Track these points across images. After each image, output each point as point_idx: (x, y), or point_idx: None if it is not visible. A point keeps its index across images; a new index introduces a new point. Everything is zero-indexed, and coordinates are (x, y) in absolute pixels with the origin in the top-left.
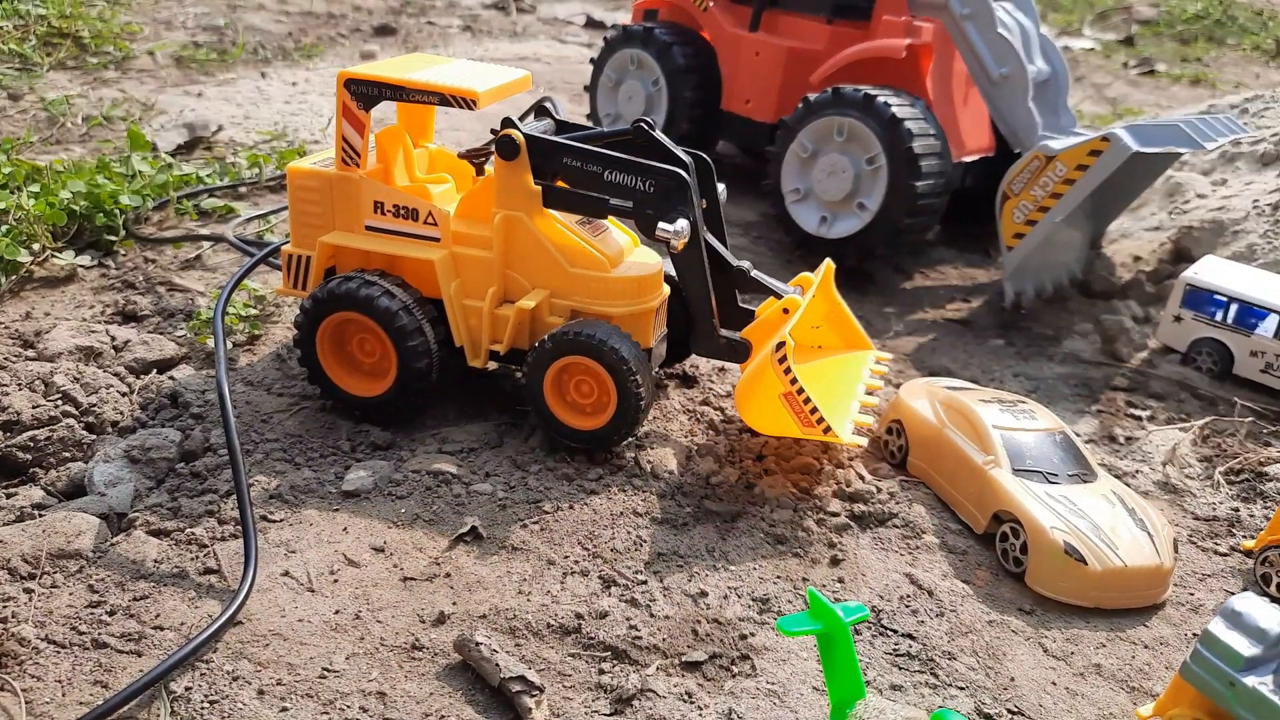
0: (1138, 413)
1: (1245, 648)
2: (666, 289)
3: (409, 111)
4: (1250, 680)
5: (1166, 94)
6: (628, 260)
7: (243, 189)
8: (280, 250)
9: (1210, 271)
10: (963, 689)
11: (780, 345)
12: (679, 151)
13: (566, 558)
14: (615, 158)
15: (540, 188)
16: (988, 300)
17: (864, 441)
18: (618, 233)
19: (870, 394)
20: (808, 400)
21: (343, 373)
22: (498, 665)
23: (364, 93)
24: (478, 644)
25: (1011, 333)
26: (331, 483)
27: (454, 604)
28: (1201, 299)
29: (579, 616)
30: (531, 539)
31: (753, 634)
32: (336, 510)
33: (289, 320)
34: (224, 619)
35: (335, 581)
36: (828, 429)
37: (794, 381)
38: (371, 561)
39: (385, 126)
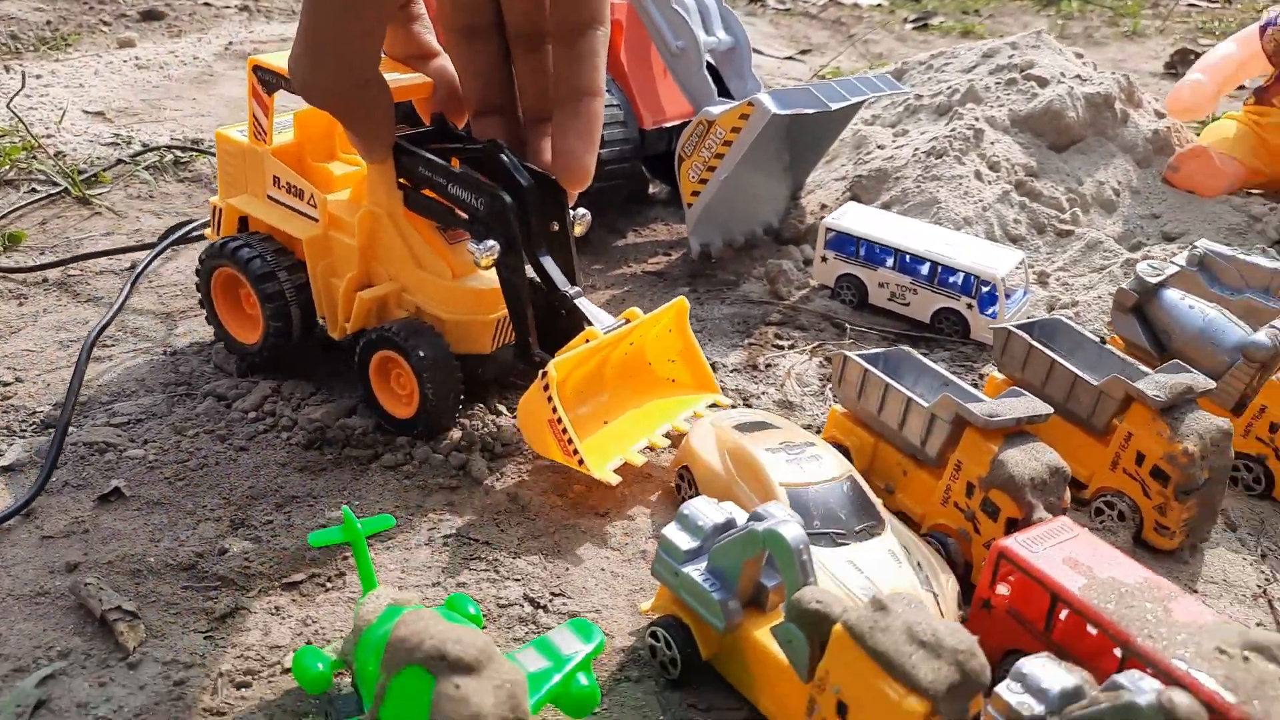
0: (781, 343)
1: (685, 543)
2: None
3: None
4: (688, 569)
5: (929, 47)
6: (478, 273)
7: None
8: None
9: (847, 217)
10: (518, 580)
11: (545, 374)
12: (519, 175)
13: (204, 507)
14: (458, 173)
15: (403, 190)
16: (685, 253)
17: (617, 480)
18: None
19: (668, 436)
20: (565, 430)
21: (232, 320)
22: (100, 600)
23: (266, 79)
24: (86, 584)
25: (698, 280)
26: None
27: (85, 555)
28: (840, 241)
29: (199, 555)
30: (174, 494)
31: None
32: None
33: None
34: None
35: None
36: (581, 461)
37: (554, 410)
38: (14, 526)
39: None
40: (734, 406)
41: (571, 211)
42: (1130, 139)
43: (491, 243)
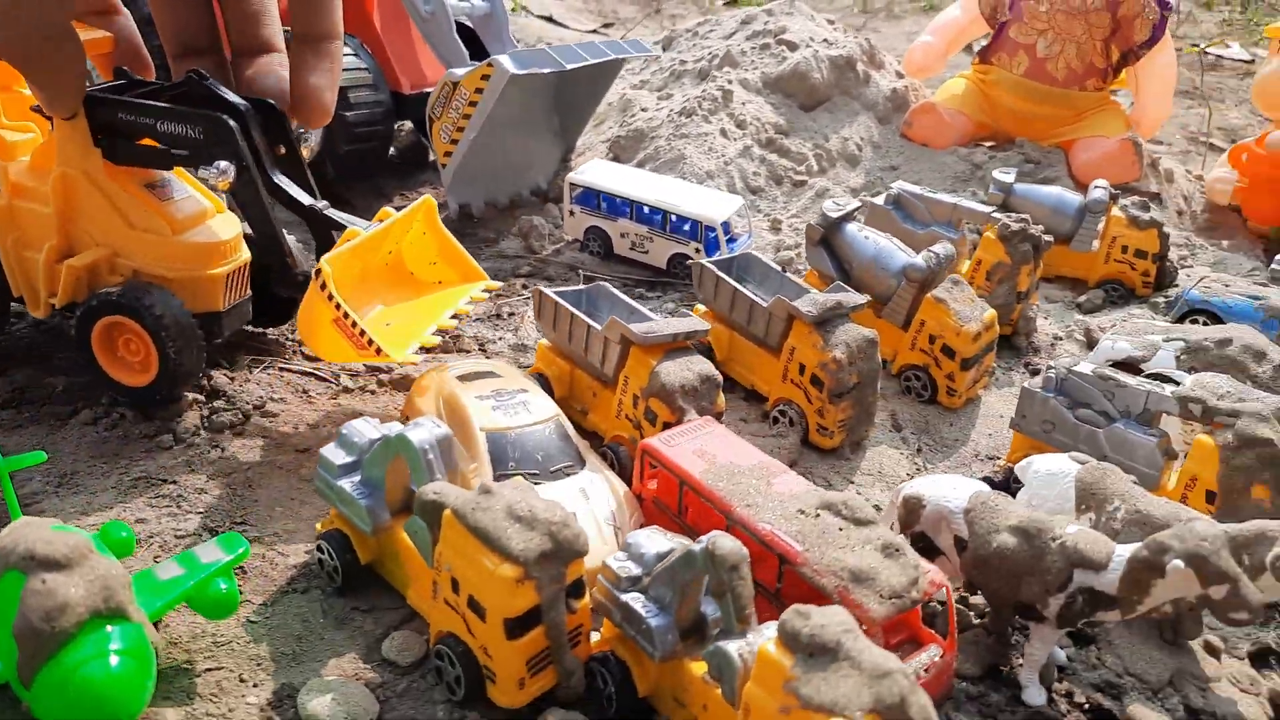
0: (526, 293)
1: (340, 458)
2: (245, 256)
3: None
4: (342, 482)
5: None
6: (201, 226)
7: None
8: None
9: (589, 172)
10: (200, 513)
11: (319, 273)
12: (233, 99)
13: None
14: (165, 108)
15: (102, 145)
16: (448, 215)
17: (420, 358)
18: (198, 199)
19: (456, 317)
20: (355, 324)
21: None
22: None
23: None
24: None
25: (460, 240)
26: None
27: None
28: (585, 196)
29: None
30: None
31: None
32: None
33: None
34: None
35: None
36: (379, 350)
37: (339, 307)
38: None
39: None
40: (471, 354)
41: (296, 133)
42: (872, 98)
43: (224, 164)
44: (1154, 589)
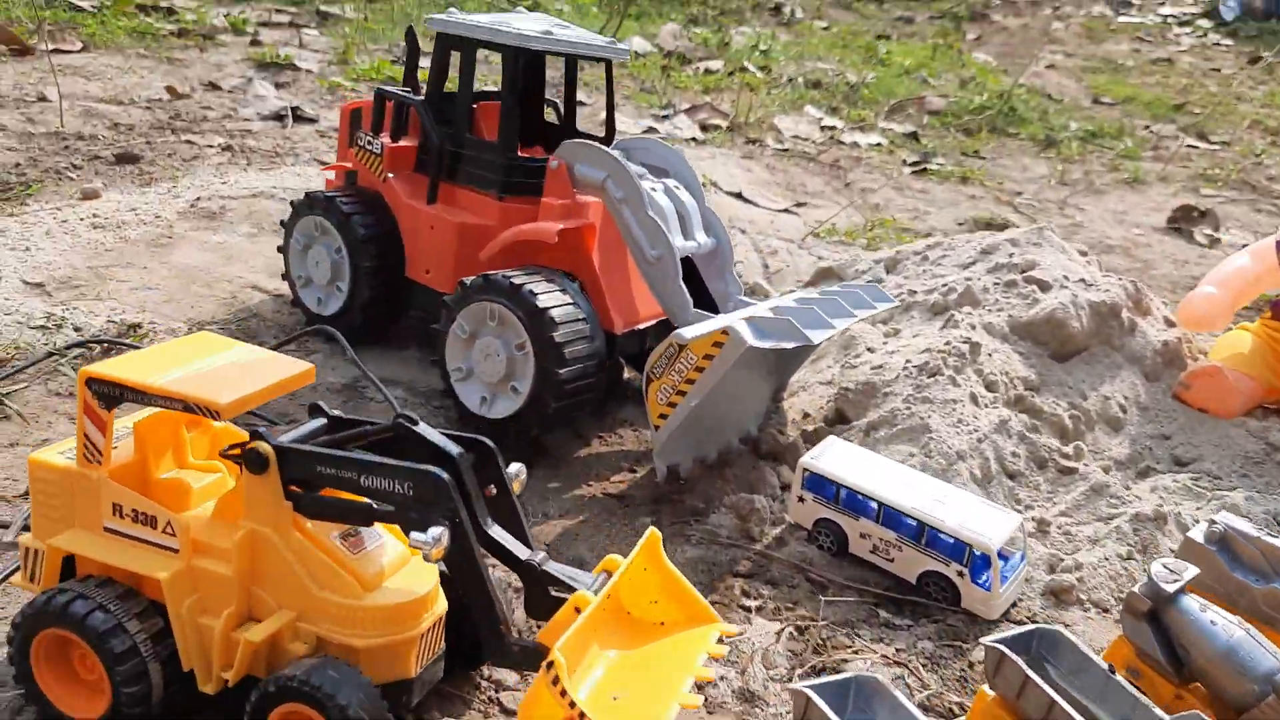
0: (749, 602)
1: None
2: (441, 607)
3: None
4: None
5: (927, 198)
6: (391, 581)
7: None
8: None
9: (827, 457)
10: None
11: (551, 666)
12: (445, 444)
13: None
14: (371, 461)
15: (292, 501)
16: (651, 469)
17: None
18: (391, 547)
19: (699, 688)
20: None
21: (64, 691)
22: None
23: (105, 393)
24: None
25: (663, 506)
26: None
27: None
28: (819, 482)
29: None
30: None
31: None
32: None
33: None
34: None
35: None
36: None
37: (573, 705)
38: None
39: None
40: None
41: (506, 470)
42: (1138, 350)
43: (440, 530)
44: None
